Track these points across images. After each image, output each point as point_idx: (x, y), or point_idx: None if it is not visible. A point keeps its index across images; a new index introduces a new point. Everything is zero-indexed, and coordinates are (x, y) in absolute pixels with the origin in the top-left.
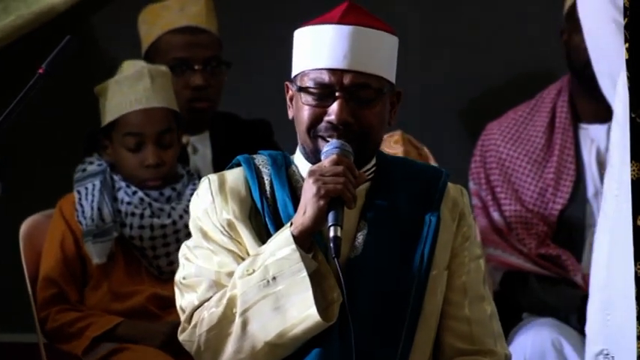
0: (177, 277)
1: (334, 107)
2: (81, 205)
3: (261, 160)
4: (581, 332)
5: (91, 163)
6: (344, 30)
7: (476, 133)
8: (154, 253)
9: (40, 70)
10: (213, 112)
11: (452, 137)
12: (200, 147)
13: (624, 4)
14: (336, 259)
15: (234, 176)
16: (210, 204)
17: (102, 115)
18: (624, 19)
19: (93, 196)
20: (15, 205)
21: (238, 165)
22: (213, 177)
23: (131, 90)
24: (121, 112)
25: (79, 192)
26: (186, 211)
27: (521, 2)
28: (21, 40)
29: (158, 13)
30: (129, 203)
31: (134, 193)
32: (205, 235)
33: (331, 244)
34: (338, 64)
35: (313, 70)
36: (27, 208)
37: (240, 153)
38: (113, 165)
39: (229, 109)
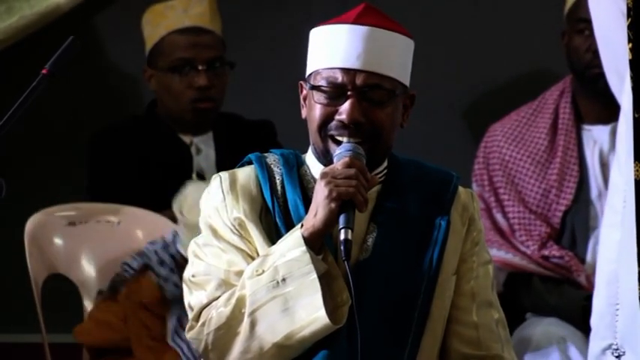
0: (186, 274)
1: (346, 106)
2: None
3: (273, 159)
4: (585, 332)
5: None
6: (359, 30)
7: (478, 134)
8: None
9: (44, 71)
10: (217, 113)
11: (454, 139)
12: (204, 147)
13: (627, 4)
14: (347, 262)
15: (246, 174)
16: (221, 202)
17: None
18: (627, 19)
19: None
20: (19, 203)
21: (249, 163)
22: (225, 175)
23: None
24: None
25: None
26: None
27: (523, 2)
28: (24, 41)
29: (162, 13)
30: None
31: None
32: (215, 233)
33: (342, 247)
34: (351, 63)
35: (326, 69)
36: (31, 206)
37: (244, 154)
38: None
39: (233, 110)
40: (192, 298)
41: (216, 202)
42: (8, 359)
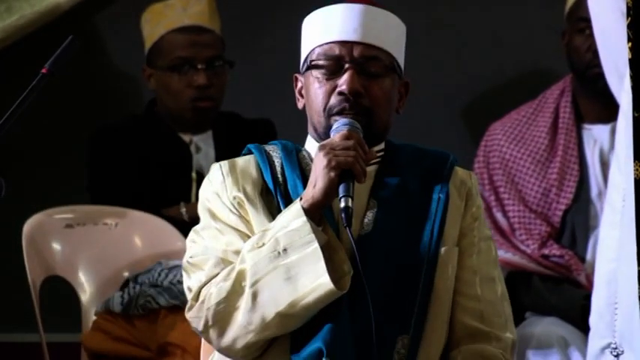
0: (184, 259)
1: (345, 77)
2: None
3: (272, 147)
4: (585, 332)
5: None
6: (355, 7)
7: (478, 134)
8: None
9: (44, 70)
10: (217, 112)
11: (455, 138)
12: (203, 146)
13: (627, 3)
14: (348, 229)
15: (245, 161)
16: (221, 184)
17: None
18: (627, 18)
19: None
20: (17, 204)
21: (249, 154)
22: (224, 162)
23: None
24: None
25: None
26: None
27: (524, 2)
28: (24, 41)
29: (161, 12)
30: None
31: None
32: (213, 216)
33: (342, 215)
34: (348, 36)
35: (322, 45)
36: (29, 207)
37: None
38: None
39: (232, 109)
40: (191, 280)
41: (216, 185)
42: (7, 358)
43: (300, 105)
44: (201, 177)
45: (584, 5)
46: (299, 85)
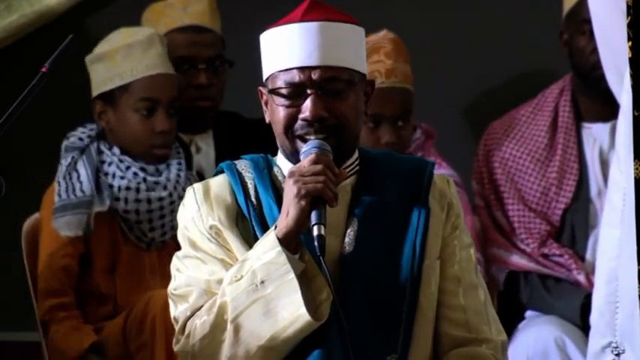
0: (169, 288)
1: (307, 104)
2: (58, 183)
3: (244, 165)
4: (584, 330)
5: (74, 136)
6: (307, 27)
7: (478, 133)
8: (150, 226)
9: (44, 69)
10: (216, 111)
11: (454, 137)
12: (203, 146)
13: (627, 2)
14: (322, 258)
15: (219, 183)
16: (197, 212)
17: (101, 81)
18: (627, 17)
19: (69, 171)
20: (17, 204)
21: (222, 172)
22: (198, 186)
23: (145, 55)
24: (136, 76)
25: (58, 169)
26: (178, 181)
27: (522, 2)
28: (24, 40)
29: (162, 11)
30: (122, 178)
31: (127, 168)
32: (194, 245)
33: (316, 243)
34: (305, 61)
35: (282, 71)
36: (29, 207)
37: (244, 152)
38: (103, 135)
39: (231, 109)
40: (177, 311)
41: (192, 213)
42: (7, 358)
43: (267, 118)
44: (201, 177)
45: (586, 6)
46: (264, 98)
